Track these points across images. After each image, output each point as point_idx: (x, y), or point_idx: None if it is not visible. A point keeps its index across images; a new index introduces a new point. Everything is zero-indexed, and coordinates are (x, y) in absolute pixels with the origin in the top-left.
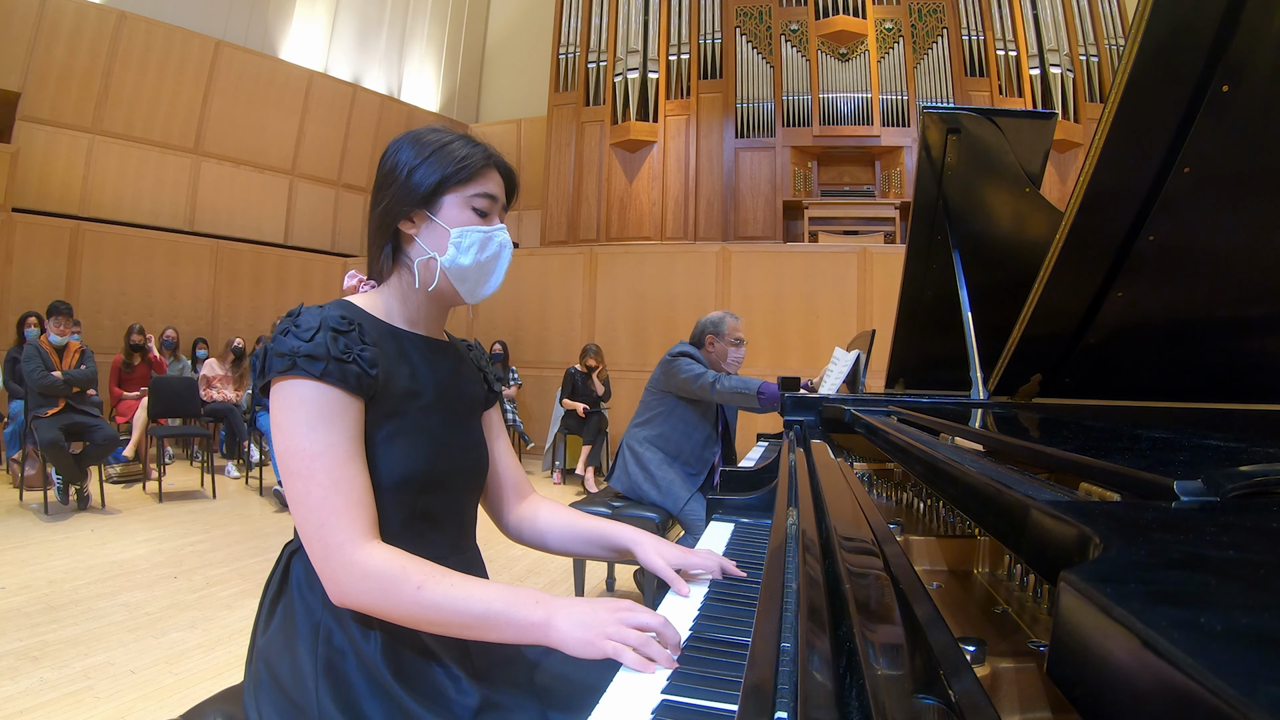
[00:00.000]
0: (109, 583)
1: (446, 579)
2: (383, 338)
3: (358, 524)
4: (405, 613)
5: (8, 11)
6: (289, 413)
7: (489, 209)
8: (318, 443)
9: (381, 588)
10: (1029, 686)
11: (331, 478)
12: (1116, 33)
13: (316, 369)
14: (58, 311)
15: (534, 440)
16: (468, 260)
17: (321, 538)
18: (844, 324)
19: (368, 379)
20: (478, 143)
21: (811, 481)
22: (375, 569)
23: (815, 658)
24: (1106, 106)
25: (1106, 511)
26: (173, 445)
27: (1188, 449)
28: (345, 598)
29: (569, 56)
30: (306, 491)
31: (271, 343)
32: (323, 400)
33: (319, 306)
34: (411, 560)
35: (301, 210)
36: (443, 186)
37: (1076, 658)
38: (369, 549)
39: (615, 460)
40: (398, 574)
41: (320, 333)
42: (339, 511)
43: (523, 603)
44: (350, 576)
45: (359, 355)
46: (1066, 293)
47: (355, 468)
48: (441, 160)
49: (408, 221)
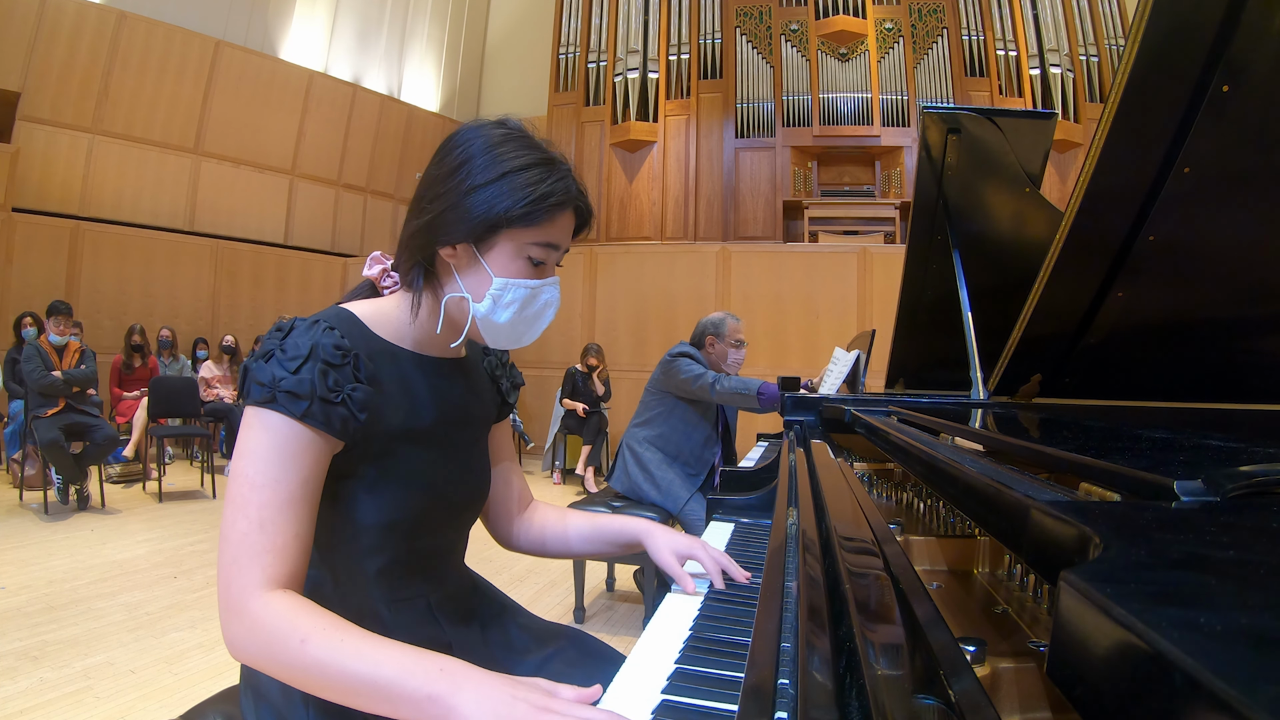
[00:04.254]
0: (109, 583)
1: (338, 634)
2: (384, 365)
3: (269, 572)
4: (289, 672)
5: (8, 11)
6: (250, 437)
7: (547, 259)
8: (262, 474)
9: (267, 642)
10: (1029, 686)
11: (261, 515)
12: (1116, 33)
13: (298, 409)
14: (57, 311)
15: (534, 440)
16: (504, 318)
17: (228, 576)
18: (844, 324)
19: (355, 423)
20: (564, 172)
21: (811, 481)
22: (264, 621)
23: (815, 658)
24: (1106, 106)
25: (1106, 511)
26: (173, 445)
27: (1188, 449)
28: (236, 650)
29: (569, 56)
30: (233, 522)
31: (254, 363)
32: (291, 436)
33: (313, 323)
34: (308, 613)
35: (301, 210)
36: (501, 225)
37: (1076, 658)
38: (267, 598)
39: (615, 460)
40: (285, 627)
41: (308, 364)
42: (254, 554)
43: (420, 670)
44: (241, 627)
45: (349, 395)
46: (1066, 293)
47: (294, 512)
48: (513, 190)
49: (450, 250)
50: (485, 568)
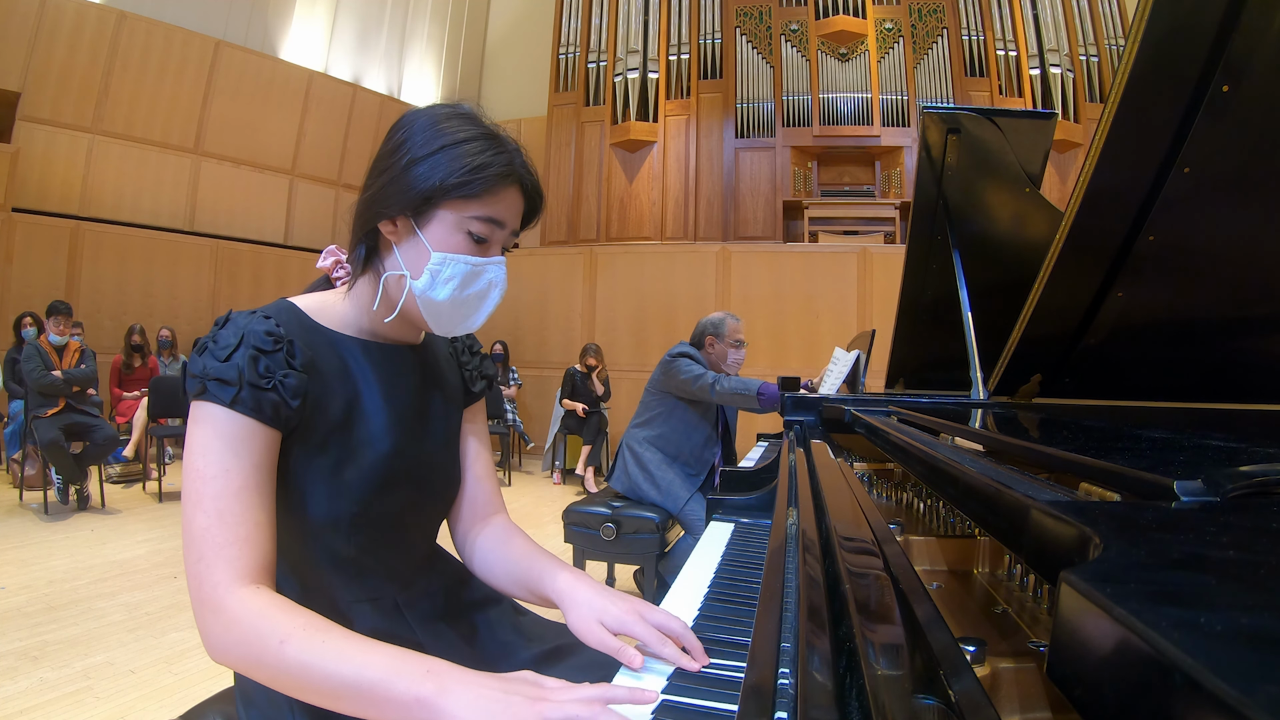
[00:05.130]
0: (109, 583)
1: (319, 634)
2: (324, 354)
3: (238, 564)
4: (268, 674)
5: (8, 11)
6: (193, 433)
7: (489, 235)
8: (211, 465)
9: (244, 641)
10: (1029, 686)
11: (218, 506)
12: (1116, 33)
13: (226, 395)
14: (57, 311)
15: (534, 440)
16: (443, 295)
17: (198, 575)
18: (844, 324)
19: (287, 410)
20: (505, 147)
21: (811, 481)
22: (241, 618)
23: (815, 658)
24: (1106, 106)
25: (1106, 511)
26: (173, 445)
27: (1188, 449)
28: (213, 650)
29: (569, 56)
30: (191, 519)
31: (190, 357)
32: (229, 424)
33: (250, 313)
34: (288, 611)
35: (301, 210)
36: (439, 196)
37: (1076, 658)
38: (244, 594)
39: (615, 460)
40: (263, 626)
41: (239, 351)
42: (219, 547)
43: (407, 672)
44: (218, 626)
45: (280, 381)
46: (1066, 293)
47: (250, 500)
48: (449, 161)
49: (390, 224)
50: None
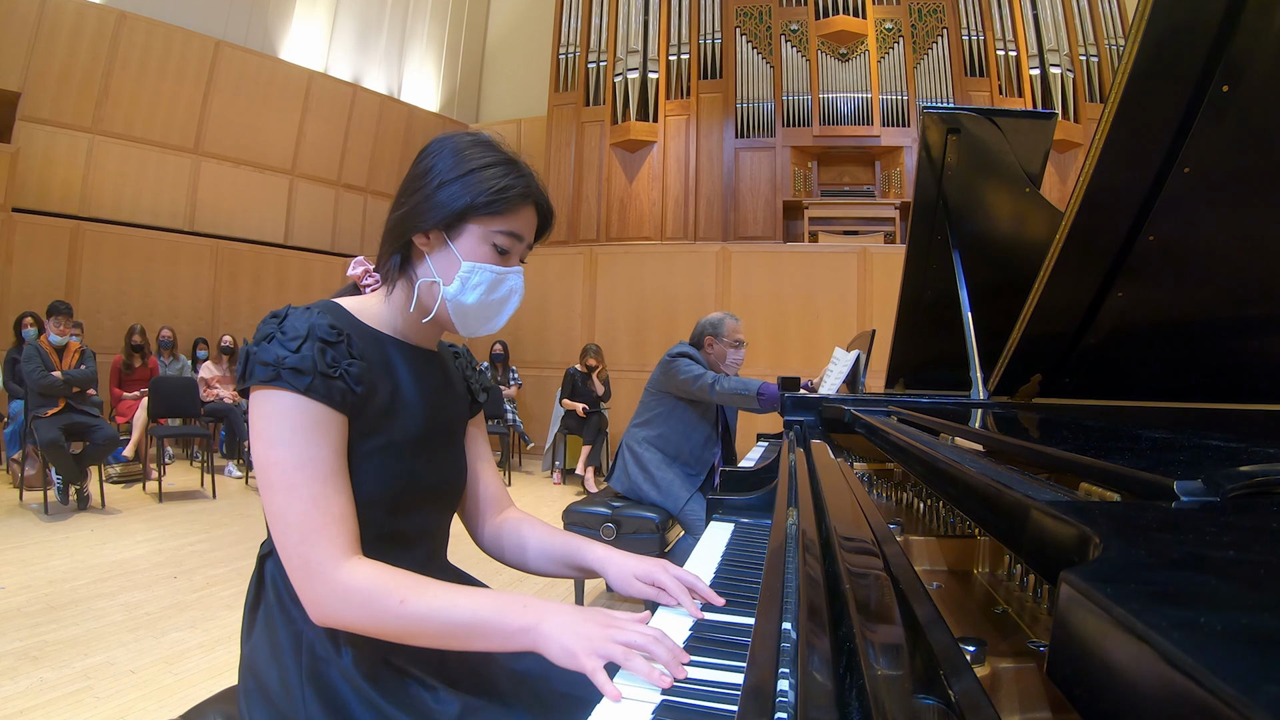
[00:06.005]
0: (109, 583)
1: (429, 590)
2: (370, 348)
3: (338, 541)
4: (390, 629)
5: (8, 11)
6: (269, 422)
7: (510, 248)
8: (298, 455)
9: (365, 605)
10: (1029, 686)
11: (312, 493)
12: (1116, 33)
13: (301, 383)
14: (58, 311)
15: (534, 440)
16: (472, 299)
17: (302, 555)
18: (844, 324)
19: (352, 395)
20: (523, 171)
21: (811, 481)
22: (357, 586)
23: (815, 658)
24: (1106, 106)
25: (1106, 511)
26: (173, 445)
27: (1188, 449)
28: (327, 618)
29: (569, 56)
30: (286, 506)
31: (255, 347)
32: (306, 413)
33: (306, 309)
34: (393, 574)
35: (301, 210)
36: (468, 214)
37: (1076, 658)
38: (350, 566)
39: (615, 460)
40: (380, 590)
41: (307, 343)
42: (319, 529)
43: (510, 608)
44: (333, 596)
45: (346, 370)
46: (1066, 293)
47: (338, 483)
48: (475, 185)
49: (423, 237)
50: (484, 567)
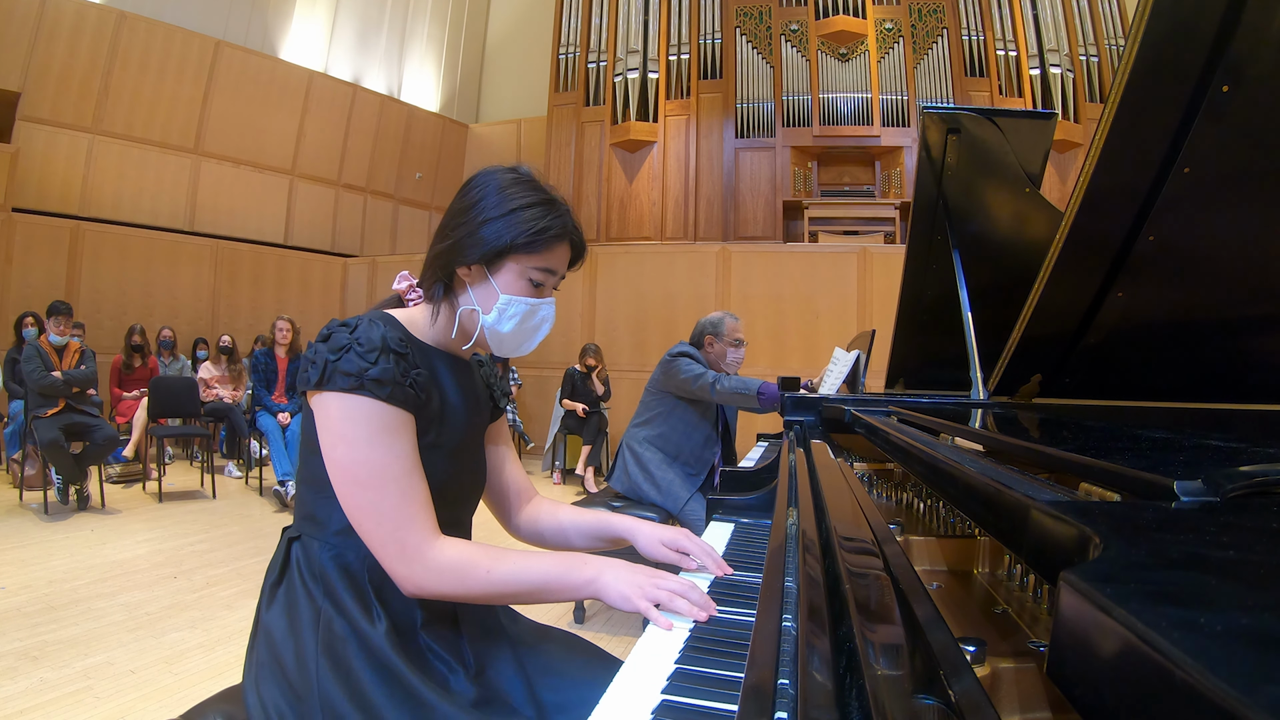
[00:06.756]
0: (109, 583)
1: (508, 558)
2: (422, 358)
3: (428, 525)
4: (479, 593)
5: (8, 11)
6: (355, 425)
7: (545, 281)
8: (386, 454)
9: (457, 577)
10: (1029, 686)
11: (401, 487)
12: (1116, 33)
13: (384, 392)
14: (58, 311)
15: (534, 440)
16: (508, 328)
17: (398, 540)
18: (844, 324)
19: (417, 401)
20: (560, 211)
21: (811, 481)
22: (449, 562)
23: (815, 658)
24: (1106, 106)
25: (1106, 511)
26: (173, 445)
27: (1188, 449)
28: (422, 590)
29: (569, 56)
30: (379, 500)
31: (332, 356)
32: (385, 416)
33: (370, 321)
34: (475, 548)
35: (301, 210)
36: (508, 252)
37: (1076, 658)
38: (440, 545)
39: (615, 460)
40: (468, 563)
41: (383, 355)
42: (411, 517)
43: (575, 566)
44: (429, 572)
45: (415, 379)
46: (1066, 293)
47: (419, 475)
48: (518, 225)
49: (465, 269)
50: None
